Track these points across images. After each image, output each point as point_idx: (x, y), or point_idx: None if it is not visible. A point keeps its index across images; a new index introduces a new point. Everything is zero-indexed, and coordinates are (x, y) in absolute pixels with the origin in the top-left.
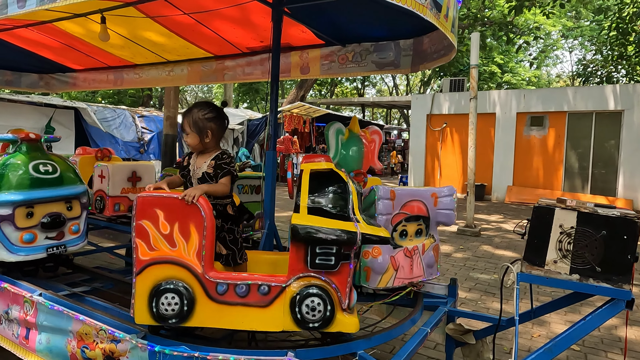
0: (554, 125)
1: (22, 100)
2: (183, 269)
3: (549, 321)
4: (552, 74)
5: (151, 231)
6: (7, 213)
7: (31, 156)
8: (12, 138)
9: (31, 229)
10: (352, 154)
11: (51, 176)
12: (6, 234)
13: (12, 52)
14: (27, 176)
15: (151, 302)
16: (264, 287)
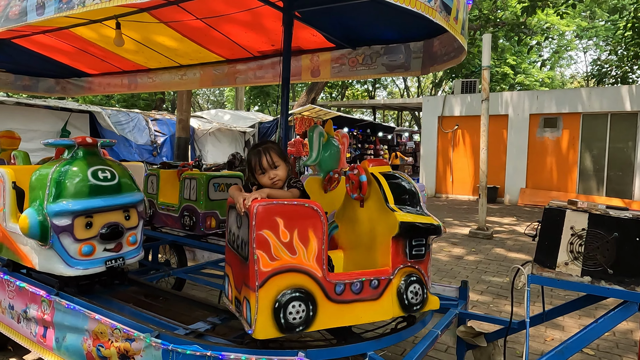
0: (568, 126)
1: (39, 104)
2: (304, 275)
3: (563, 325)
4: (566, 75)
5: (272, 241)
6: (66, 223)
7: (89, 162)
8: (69, 143)
9: (90, 240)
10: (330, 155)
11: (110, 183)
12: (65, 246)
13: (30, 57)
14: (86, 183)
15: (278, 313)
16: (375, 282)
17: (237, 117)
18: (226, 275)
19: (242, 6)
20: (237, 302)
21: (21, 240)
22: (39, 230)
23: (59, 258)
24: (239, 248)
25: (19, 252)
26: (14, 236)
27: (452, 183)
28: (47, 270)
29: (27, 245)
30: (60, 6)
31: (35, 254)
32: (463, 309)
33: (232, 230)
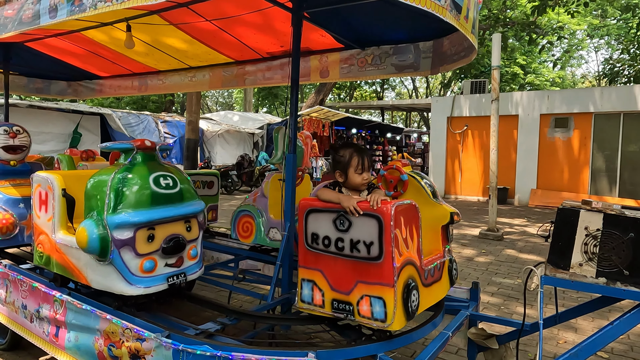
0: (580, 126)
1: (51, 107)
2: (413, 266)
3: (576, 327)
4: (577, 75)
5: (400, 238)
6: (127, 237)
7: (149, 167)
8: (128, 146)
9: (152, 254)
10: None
11: (172, 191)
12: (126, 261)
13: (42, 60)
14: (149, 192)
15: (406, 303)
16: (439, 264)
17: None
18: (308, 280)
19: (251, 8)
20: (341, 302)
21: (74, 254)
22: (99, 244)
23: (118, 275)
24: (345, 250)
25: (71, 267)
26: (65, 249)
27: (462, 184)
28: (104, 288)
29: (81, 259)
30: (72, 9)
31: (90, 270)
32: (474, 310)
33: (321, 234)
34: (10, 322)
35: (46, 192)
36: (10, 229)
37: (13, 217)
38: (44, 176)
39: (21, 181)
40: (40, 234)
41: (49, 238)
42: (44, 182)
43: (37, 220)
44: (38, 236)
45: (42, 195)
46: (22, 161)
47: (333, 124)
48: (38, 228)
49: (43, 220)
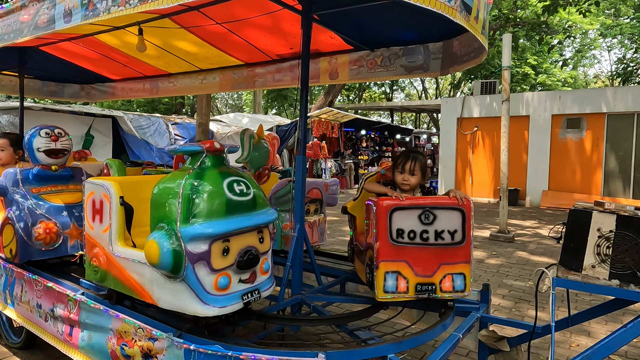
0: (592, 127)
1: (64, 109)
2: None
3: (589, 330)
4: (589, 75)
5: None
6: (203, 250)
7: (221, 172)
8: (197, 149)
9: (226, 270)
10: (260, 155)
11: (246, 198)
12: (200, 278)
13: (56, 64)
14: (224, 199)
15: None
16: None
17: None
18: (393, 272)
19: (261, 10)
20: (424, 285)
21: (136, 269)
22: (172, 259)
23: (191, 294)
24: (430, 240)
25: (133, 284)
26: (126, 263)
27: (472, 185)
28: (174, 308)
29: (146, 275)
30: (86, 14)
31: (157, 288)
32: (485, 312)
33: (406, 229)
34: (25, 321)
35: (101, 200)
36: (54, 239)
37: (56, 227)
38: (99, 183)
39: (63, 187)
40: (93, 247)
41: (105, 251)
42: (99, 189)
43: (90, 232)
44: (91, 249)
45: (96, 204)
46: (64, 166)
47: (342, 125)
48: (91, 240)
49: (97, 231)
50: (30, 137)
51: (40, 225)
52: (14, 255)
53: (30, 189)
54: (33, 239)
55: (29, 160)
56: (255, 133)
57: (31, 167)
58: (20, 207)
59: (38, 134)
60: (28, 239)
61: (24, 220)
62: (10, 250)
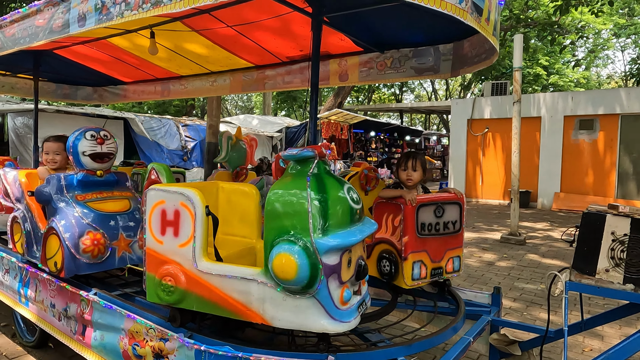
0: (605, 128)
1: (77, 111)
2: None
3: (603, 335)
4: (602, 75)
5: None
6: (335, 262)
7: (336, 179)
8: (310, 154)
9: (347, 282)
10: (238, 155)
11: (360, 206)
12: (331, 292)
13: (69, 67)
14: (348, 208)
15: None
16: None
17: (265, 122)
18: (417, 261)
19: (272, 13)
20: (438, 269)
21: (236, 287)
22: (309, 274)
23: (320, 309)
24: (440, 230)
25: (230, 303)
26: (218, 281)
27: (482, 187)
28: (295, 327)
29: (253, 293)
30: (100, 18)
31: (271, 306)
32: (496, 315)
33: (426, 222)
34: (39, 320)
35: (176, 210)
36: (101, 251)
37: (104, 237)
38: (176, 190)
39: (108, 194)
40: (162, 264)
41: (184, 268)
42: (173, 198)
43: (158, 247)
44: (159, 267)
45: (168, 215)
46: (109, 171)
47: (351, 126)
48: (158, 256)
49: (170, 246)
50: (75, 140)
51: (87, 236)
52: (60, 269)
53: (75, 195)
54: (80, 251)
55: (73, 165)
56: (233, 135)
57: (74, 172)
58: (65, 216)
59: (83, 136)
60: (75, 251)
61: (70, 231)
62: (55, 263)
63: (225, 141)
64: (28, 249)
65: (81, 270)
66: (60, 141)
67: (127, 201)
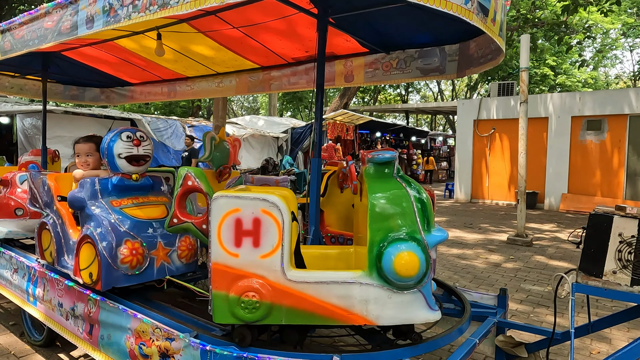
0: (614, 129)
1: (84, 112)
2: None
3: (610, 337)
4: (610, 75)
5: None
6: (434, 256)
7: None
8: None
9: None
10: (221, 154)
11: None
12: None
13: (77, 68)
14: (429, 205)
15: None
16: None
17: (271, 123)
18: None
19: (277, 14)
20: None
21: (336, 292)
22: (426, 269)
23: (422, 302)
24: None
25: (330, 310)
26: (314, 289)
27: (489, 188)
28: (399, 322)
29: (355, 296)
30: (108, 20)
31: (375, 306)
32: (502, 317)
33: None
34: (47, 319)
35: (256, 218)
36: (140, 261)
37: (142, 247)
38: (256, 197)
39: (144, 199)
40: (239, 279)
41: (269, 281)
42: (253, 204)
43: (231, 261)
44: (235, 282)
45: (245, 224)
46: (144, 174)
47: (357, 127)
48: (233, 271)
49: (249, 258)
50: (110, 142)
51: (125, 246)
52: (96, 281)
53: (110, 201)
54: (118, 262)
55: (107, 167)
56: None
57: (109, 175)
58: (101, 223)
59: (119, 137)
60: (113, 261)
61: (107, 240)
62: (90, 274)
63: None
64: (58, 258)
65: (119, 282)
66: (91, 141)
67: (163, 207)
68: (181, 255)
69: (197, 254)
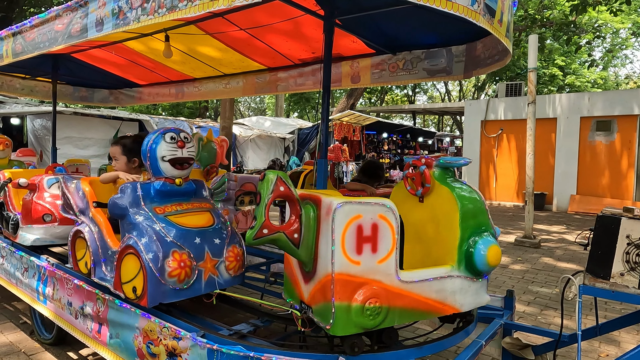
0: (623, 129)
1: (93, 113)
2: None
3: (620, 340)
4: (620, 75)
5: None
6: None
7: None
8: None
9: None
10: (209, 154)
11: None
12: None
13: (86, 70)
14: None
15: None
16: None
17: (277, 124)
18: None
19: (284, 16)
20: None
21: (435, 287)
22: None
23: (485, 287)
24: None
25: (429, 305)
26: (420, 287)
27: (496, 189)
28: (473, 306)
29: (447, 289)
30: (117, 22)
31: (461, 295)
32: (509, 319)
33: None
34: (56, 317)
35: (374, 224)
36: (188, 274)
37: (190, 258)
38: (375, 202)
39: (187, 205)
40: (360, 287)
41: (385, 285)
42: (372, 210)
43: (353, 269)
44: (355, 291)
45: (365, 230)
46: (187, 178)
47: (364, 128)
48: (354, 280)
49: (369, 264)
50: (152, 144)
51: (173, 257)
52: (140, 296)
53: (153, 208)
54: (166, 275)
55: (149, 171)
56: (205, 136)
57: (150, 180)
58: (146, 233)
59: (162, 138)
60: (160, 275)
61: (153, 251)
62: (134, 288)
63: (196, 142)
64: (95, 269)
65: (167, 298)
66: (117, 144)
67: (209, 214)
68: (229, 266)
69: (245, 265)
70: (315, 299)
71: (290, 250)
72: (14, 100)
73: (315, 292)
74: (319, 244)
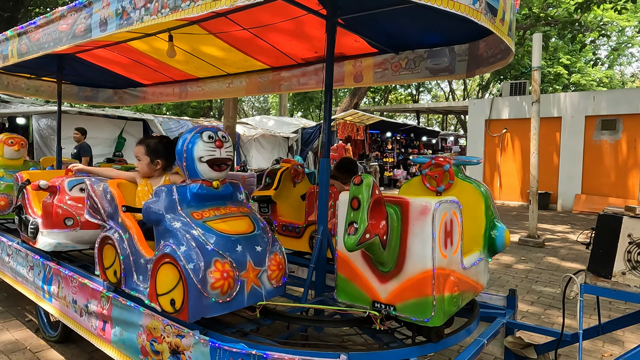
0: (629, 128)
1: (98, 113)
2: None
3: (623, 340)
4: (626, 74)
5: None
6: None
7: None
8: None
9: None
10: None
11: None
12: None
13: (91, 70)
14: None
15: None
16: None
17: (281, 123)
18: None
19: (287, 16)
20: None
21: (479, 269)
22: None
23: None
24: None
25: (475, 286)
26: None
27: (500, 188)
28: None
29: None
30: (120, 22)
31: (484, 275)
32: (511, 318)
33: None
34: (61, 315)
35: (451, 219)
36: (231, 285)
37: (232, 268)
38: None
39: (225, 210)
40: (447, 278)
41: (457, 273)
42: (450, 207)
43: (443, 262)
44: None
45: (447, 226)
46: (224, 181)
47: (367, 127)
48: (444, 272)
49: (450, 257)
50: (189, 143)
51: (215, 267)
52: (179, 309)
53: (190, 213)
54: (208, 287)
55: (184, 173)
56: None
57: (186, 182)
58: (185, 240)
59: (199, 137)
60: (203, 287)
61: (194, 260)
62: (172, 301)
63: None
64: (126, 279)
65: (209, 311)
66: (141, 144)
67: (248, 219)
68: (271, 276)
69: (287, 273)
70: (401, 296)
71: (377, 252)
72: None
73: (402, 290)
74: (407, 244)
